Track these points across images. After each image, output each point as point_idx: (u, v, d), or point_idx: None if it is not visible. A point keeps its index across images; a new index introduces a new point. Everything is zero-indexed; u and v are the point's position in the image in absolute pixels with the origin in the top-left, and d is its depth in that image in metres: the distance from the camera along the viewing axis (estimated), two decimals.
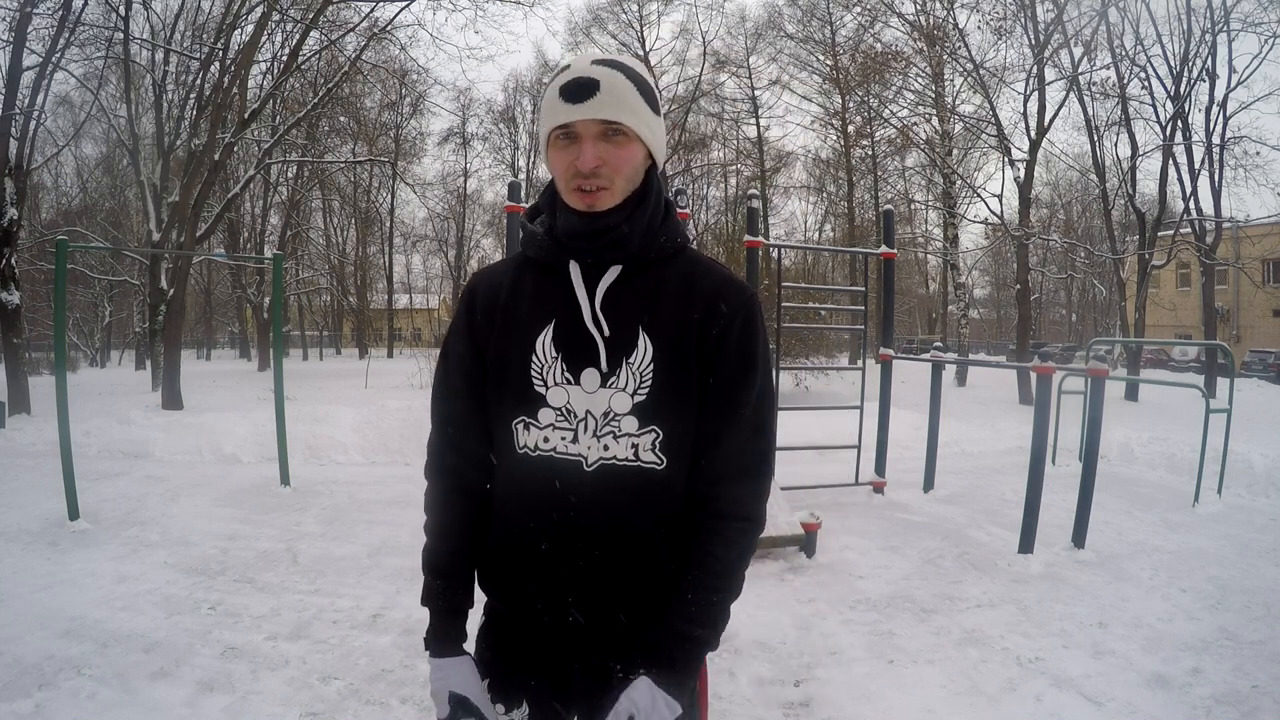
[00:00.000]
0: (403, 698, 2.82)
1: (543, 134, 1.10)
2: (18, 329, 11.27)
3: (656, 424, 1.08)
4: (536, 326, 1.11)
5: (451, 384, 1.19)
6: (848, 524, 5.40)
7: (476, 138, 35.74)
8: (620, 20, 29.94)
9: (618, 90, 1.05)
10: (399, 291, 42.63)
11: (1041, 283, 37.12)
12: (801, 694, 2.92)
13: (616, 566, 1.10)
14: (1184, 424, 9.77)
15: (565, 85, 1.05)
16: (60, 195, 30.70)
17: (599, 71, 1.05)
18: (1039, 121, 15.42)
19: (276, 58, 16.16)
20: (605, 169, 1.05)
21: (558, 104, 1.05)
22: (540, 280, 1.14)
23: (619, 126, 1.05)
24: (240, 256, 24.67)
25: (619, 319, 1.09)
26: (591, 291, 1.10)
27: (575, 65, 1.06)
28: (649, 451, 1.08)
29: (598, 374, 1.08)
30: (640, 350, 1.08)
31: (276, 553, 4.59)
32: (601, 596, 1.11)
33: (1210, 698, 2.90)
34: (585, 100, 1.04)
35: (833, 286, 23.25)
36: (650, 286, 1.11)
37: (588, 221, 1.08)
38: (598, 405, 1.08)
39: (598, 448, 1.08)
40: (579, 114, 1.04)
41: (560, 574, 1.11)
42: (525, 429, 1.10)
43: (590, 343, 1.09)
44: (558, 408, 1.09)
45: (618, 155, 1.06)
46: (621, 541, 1.09)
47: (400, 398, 10.51)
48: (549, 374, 1.09)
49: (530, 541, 1.12)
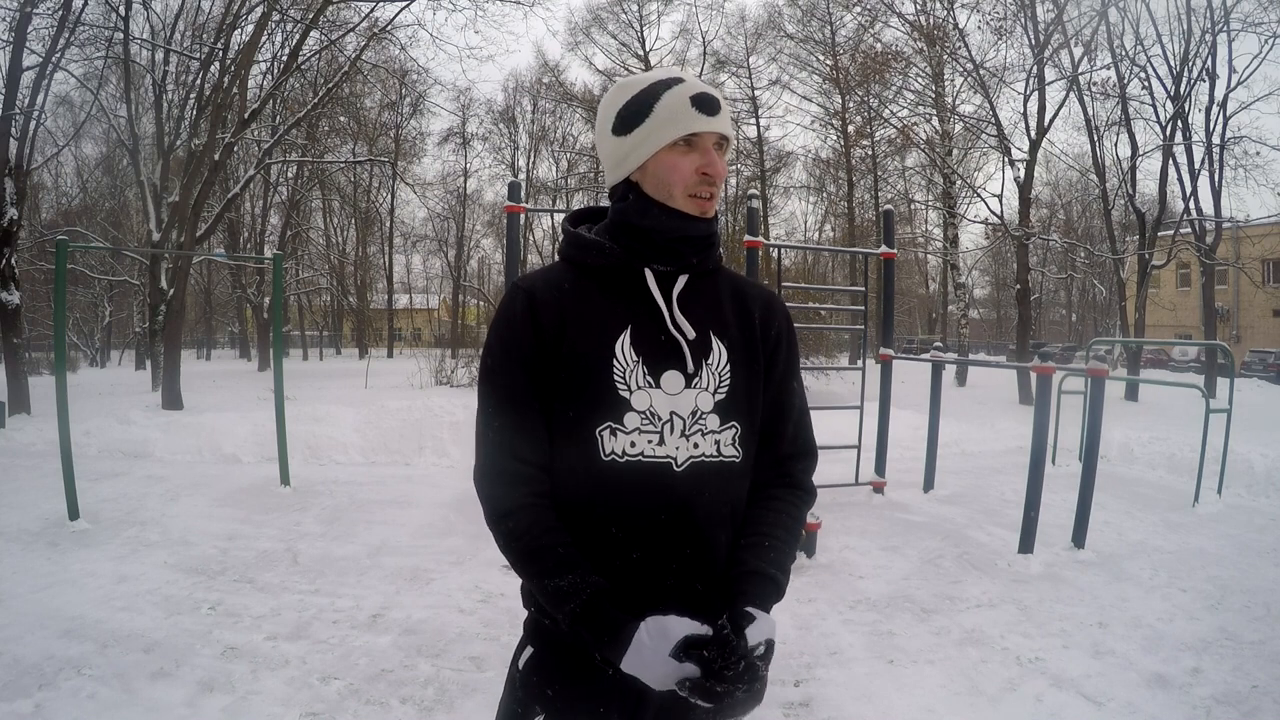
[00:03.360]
0: (403, 698, 2.82)
1: (655, 139, 1.13)
2: (18, 329, 11.27)
3: (735, 419, 1.15)
4: (612, 332, 1.12)
5: (515, 394, 1.12)
6: (848, 524, 5.40)
7: (476, 138, 35.78)
8: (620, 20, 29.99)
9: (728, 111, 1.17)
10: (399, 291, 42.70)
11: (1041, 283, 37.13)
12: (801, 694, 2.92)
13: (704, 562, 1.13)
14: (1184, 424, 9.77)
15: (698, 97, 1.12)
16: (60, 195, 30.76)
17: (715, 90, 1.16)
18: (1039, 121, 15.42)
19: (276, 58, 16.18)
20: (719, 179, 1.15)
21: (690, 113, 1.12)
22: (605, 287, 1.16)
23: (726, 143, 1.16)
24: (240, 256, 24.67)
25: (695, 324, 1.15)
26: (668, 297, 1.15)
27: (691, 80, 1.15)
28: (730, 446, 1.15)
29: (681, 376, 1.13)
30: (716, 352, 1.15)
31: (276, 553, 4.59)
32: (692, 595, 1.11)
33: (1210, 698, 2.90)
34: (716, 114, 1.13)
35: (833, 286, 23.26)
36: (710, 294, 1.19)
37: (699, 226, 1.16)
38: (684, 406, 1.12)
39: (687, 447, 1.11)
40: (712, 125, 1.12)
41: (654, 579, 1.09)
42: (611, 435, 1.09)
43: (673, 346, 1.13)
44: (642, 411, 1.10)
45: (724, 168, 1.16)
46: (710, 536, 1.13)
47: (400, 398, 10.51)
48: (631, 378, 1.11)
49: (619, 551, 1.09)
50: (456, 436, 8.07)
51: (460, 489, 6.38)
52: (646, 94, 1.13)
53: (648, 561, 1.10)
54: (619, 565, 1.09)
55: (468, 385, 14.65)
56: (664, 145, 1.12)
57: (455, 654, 3.21)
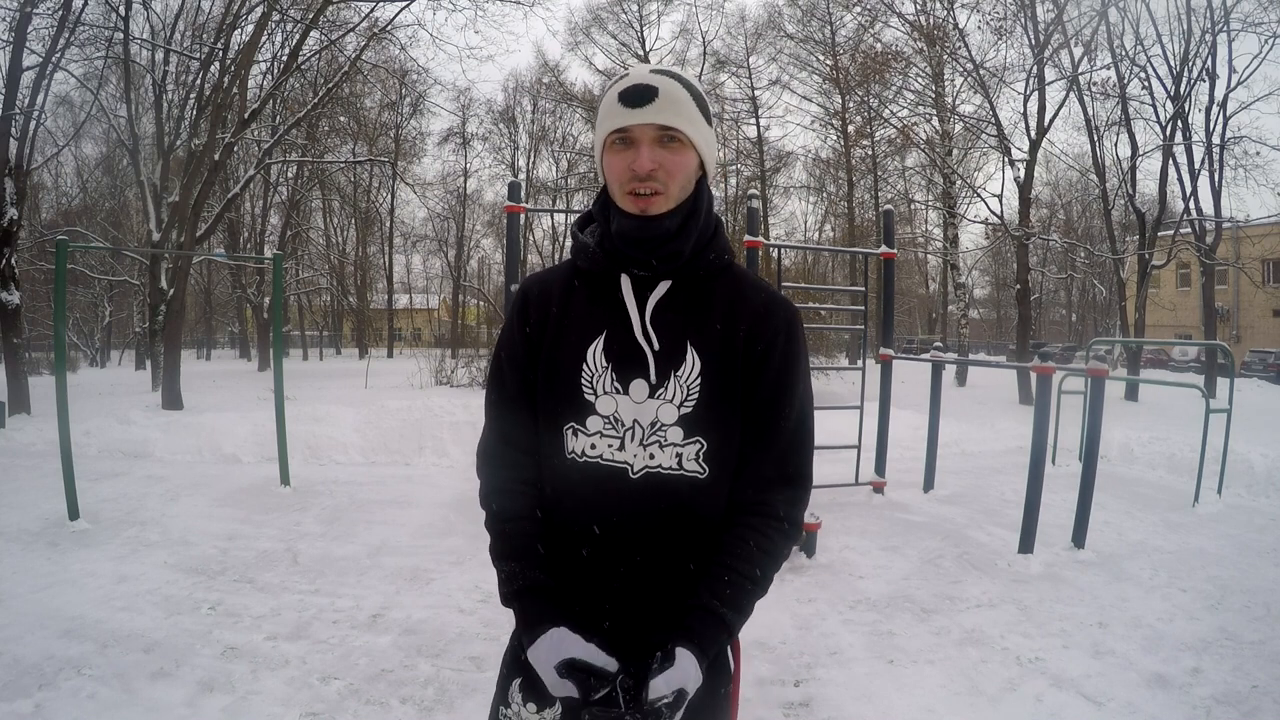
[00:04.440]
0: (403, 698, 2.82)
1: (599, 140, 1.13)
2: (18, 329, 11.26)
3: (701, 435, 1.11)
4: (588, 336, 1.13)
5: (506, 386, 1.20)
6: (848, 524, 5.40)
7: (476, 138, 35.76)
8: (620, 20, 29.98)
9: (675, 97, 1.09)
10: (399, 291, 42.70)
11: (1041, 283, 37.13)
12: (801, 694, 2.92)
13: (655, 573, 1.12)
14: (1184, 424, 9.77)
15: (624, 91, 1.08)
16: (60, 195, 30.74)
17: (657, 79, 1.09)
18: (1039, 121, 15.42)
19: (276, 58, 16.18)
20: (660, 173, 1.08)
21: (616, 108, 1.08)
22: (591, 291, 1.17)
23: (675, 133, 1.08)
24: (240, 256, 24.67)
25: (668, 333, 1.12)
26: (642, 305, 1.13)
27: (634, 73, 1.10)
28: (693, 461, 1.11)
29: (646, 385, 1.11)
30: (688, 364, 1.11)
31: (276, 553, 4.59)
32: (639, 604, 1.13)
33: (1210, 698, 2.90)
34: (643, 105, 1.07)
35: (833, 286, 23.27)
36: (698, 301, 1.14)
37: (641, 226, 1.10)
38: (645, 415, 1.11)
39: (643, 456, 1.11)
40: (637, 118, 1.07)
41: (599, 580, 1.13)
42: (574, 435, 1.13)
43: (640, 355, 1.12)
44: (606, 416, 1.11)
45: (672, 161, 1.09)
46: (662, 548, 1.12)
47: (400, 398, 10.51)
48: (599, 383, 1.12)
49: (573, 546, 1.14)
50: (456, 436, 8.07)
51: (460, 489, 6.38)
52: (603, 94, 1.14)
53: (596, 561, 1.13)
54: (572, 559, 1.14)
55: (468, 385, 14.64)
56: (602, 146, 1.12)
57: (455, 654, 3.21)
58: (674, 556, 1.12)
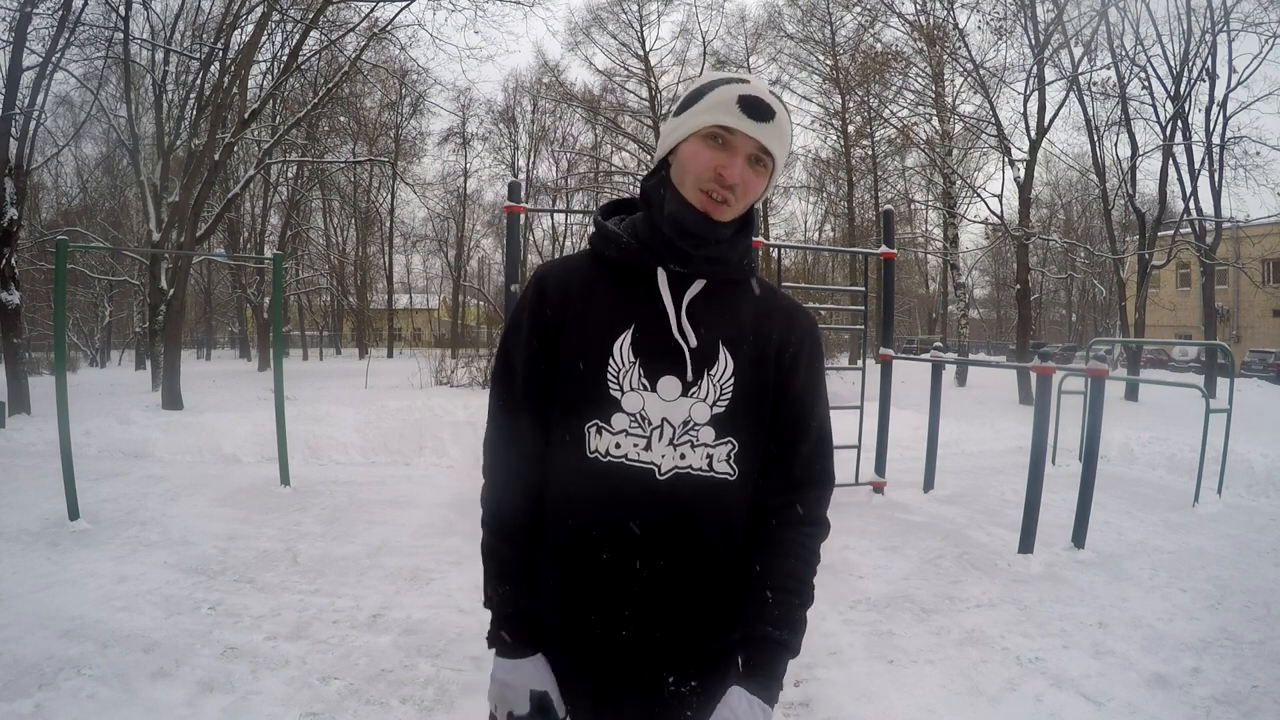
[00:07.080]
0: (403, 698, 2.82)
1: (689, 124, 1.09)
2: (18, 329, 11.26)
3: (733, 435, 1.10)
4: (615, 330, 1.10)
5: (514, 386, 1.15)
6: (848, 524, 5.40)
7: (476, 138, 35.70)
8: (620, 20, 29.90)
9: (783, 128, 1.09)
10: (399, 291, 42.65)
11: (1041, 283, 37.11)
12: (801, 694, 2.92)
13: (680, 577, 1.10)
14: (1184, 424, 9.77)
15: (746, 96, 1.07)
16: (60, 195, 30.73)
17: (775, 103, 1.08)
18: (1039, 121, 15.42)
19: (276, 58, 16.18)
20: (740, 189, 1.08)
21: (733, 108, 1.06)
22: (617, 282, 1.13)
23: (766, 159, 1.09)
24: (240, 256, 24.67)
25: (703, 331, 1.10)
26: (678, 300, 1.10)
27: (755, 84, 1.09)
28: (723, 462, 1.09)
29: (679, 383, 1.08)
30: (721, 363, 1.10)
31: (276, 553, 4.59)
32: (661, 608, 1.10)
33: (1210, 698, 2.90)
34: (761, 121, 1.06)
35: (833, 287, 23.27)
36: (730, 303, 1.14)
37: (702, 223, 1.09)
38: (676, 414, 1.08)
39: (673, 456, 1.08)
40: (750, 129, 1.06)
41: (620, 585, 1.10)
42: (598, 433, 1.08)
43: (674, 351, 1.09)
44: (632, 414, 1.08)
45: (755, 182, 1.10)
46: (689, 552, 1.09)
47: (400, 398, 10.51)
48: (625, 379, 1.08)
49: (590, 550, 1.10)
50: (456, 436, 8.07)
51: (460, 489, 6.38)
52: (710, 84, 1.11)
53: (616, 565, 1.09)
54: (589, 564, 1.10)
55: (468, 385, 14.62)
56: (696, 131, 1.09)
57: (455, 654, 3.21)
58: (699, 561, 1.10)
